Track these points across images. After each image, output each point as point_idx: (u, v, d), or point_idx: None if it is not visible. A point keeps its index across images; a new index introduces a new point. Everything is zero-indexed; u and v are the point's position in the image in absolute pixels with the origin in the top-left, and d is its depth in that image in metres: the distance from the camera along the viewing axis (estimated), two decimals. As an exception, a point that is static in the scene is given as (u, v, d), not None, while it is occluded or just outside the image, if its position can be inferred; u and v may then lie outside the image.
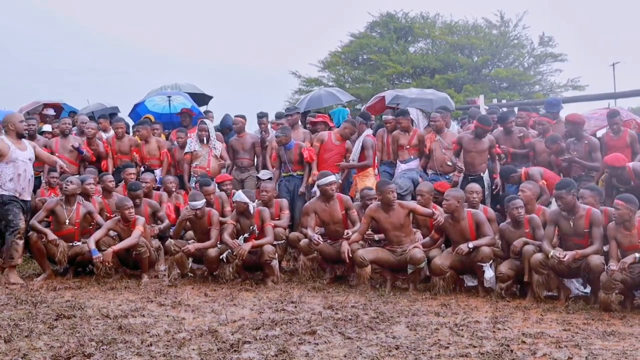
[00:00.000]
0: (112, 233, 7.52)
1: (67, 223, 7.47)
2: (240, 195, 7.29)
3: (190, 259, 7.47)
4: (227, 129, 10.87)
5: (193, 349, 4.48)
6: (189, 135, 9.84)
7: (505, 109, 12.03)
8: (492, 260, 6.47)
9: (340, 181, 8.46)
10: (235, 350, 4.43)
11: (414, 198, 7.92)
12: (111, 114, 12.23)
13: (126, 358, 4.30)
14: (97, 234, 7.28)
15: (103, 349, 4.48)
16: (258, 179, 8.93)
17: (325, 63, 26.02)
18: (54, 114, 11.90)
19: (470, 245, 6.43)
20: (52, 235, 7.28)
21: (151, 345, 4.59)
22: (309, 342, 4.67)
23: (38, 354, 4.39)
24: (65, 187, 7.53)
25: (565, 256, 5.98)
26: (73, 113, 12.29)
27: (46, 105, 12.04)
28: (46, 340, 4.74)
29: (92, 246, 7.10)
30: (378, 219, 6.98)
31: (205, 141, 9.41)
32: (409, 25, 25.27)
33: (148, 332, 4.96)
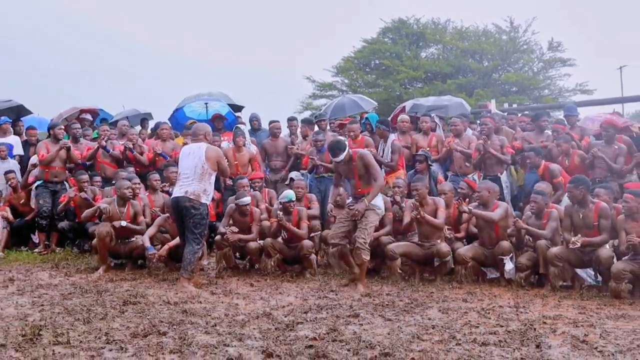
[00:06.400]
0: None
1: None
2: (290, 194, 7.95)
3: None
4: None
5: (254, 328, 5.06)
6: (222, 139, 10.40)
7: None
8: (511, 254, 7.08)
9: None
10: (291, 329, 5.02)
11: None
12: (143, 119, 12.88)
13: (197, 335, 4.86)
14: (150, 231, 7.87)
15: (174, 328, 5.06)
16: (291, 179, 9.53)
17: (339, 68, 26.53)
18: (91, 119, 12.54)
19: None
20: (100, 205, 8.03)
21: (216, 325, 5.18)
22: (355, 322, 5.27)
23: (118, 332, 4.94)
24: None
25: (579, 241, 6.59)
26: (104, 120, 12.82)
27: (83, 111, 12.69)
28: (120, 322, 5.28)
29: (147, 243, 7.68)
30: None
31: (243, 144, 9.88)
32: (421, 31, 25.74)
33: (210, 315, 5.54)
